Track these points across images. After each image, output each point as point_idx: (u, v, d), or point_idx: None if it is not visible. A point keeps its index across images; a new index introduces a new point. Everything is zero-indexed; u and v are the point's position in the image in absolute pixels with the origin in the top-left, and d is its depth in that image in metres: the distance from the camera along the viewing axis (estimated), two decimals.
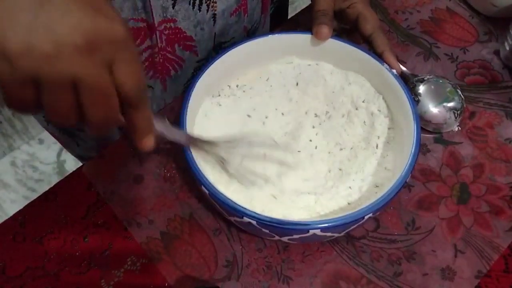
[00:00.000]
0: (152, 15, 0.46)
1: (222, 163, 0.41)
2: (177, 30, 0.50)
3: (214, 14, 0.51)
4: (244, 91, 0.49)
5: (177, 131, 0.39)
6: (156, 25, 0.47)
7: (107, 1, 0.27)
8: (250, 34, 0.59)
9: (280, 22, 0.67)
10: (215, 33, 0.54)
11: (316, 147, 0.46)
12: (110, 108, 0.29)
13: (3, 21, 0.25)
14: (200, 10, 0.49)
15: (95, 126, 0.29)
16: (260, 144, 0.44)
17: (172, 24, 0.49)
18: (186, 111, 0.42)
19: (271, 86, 0.49)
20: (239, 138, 0.42)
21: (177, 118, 0.43)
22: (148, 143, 0.34)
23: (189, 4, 0.48)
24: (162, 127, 0.37)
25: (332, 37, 0.47)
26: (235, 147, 0.42)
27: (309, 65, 0.50)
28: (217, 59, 0.46)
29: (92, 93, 0.27)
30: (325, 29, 0.46)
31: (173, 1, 0.46)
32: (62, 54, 0.25)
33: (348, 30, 0.52)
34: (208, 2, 0.49)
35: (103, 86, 0.28)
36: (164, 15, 0.47)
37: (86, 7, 0.26)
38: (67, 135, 0.62)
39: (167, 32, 0.49)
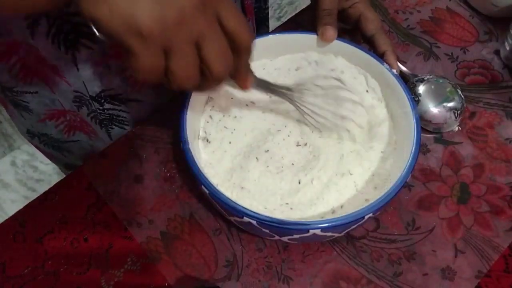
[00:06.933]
0: None
1: (298, 105, 0.43)
2: None
3: None
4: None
5: (259, 78, 0.40)
6: None
7: None
8: None
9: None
10: None
11: (313, 145, 0.46)
12: (230, 56, 0.31)
13: (127, 0, 0.26)
14: None
15: (217, 78, 0.32)
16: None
17: None
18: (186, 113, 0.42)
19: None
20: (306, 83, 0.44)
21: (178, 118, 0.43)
22: (251, 81, 0.37)
23: None
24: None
25: None
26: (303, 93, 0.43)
27: (309, 64, 0.50)
28: None
29: (216, 46, 0.30)
30: (330, 31, 0.46)
31: None
32: (187, 18, 0.27)
33: (348, 30, 0.52)
34: None
35: (222, 36, 0.30)
36: None
37: None
38: (53, 149, 0.61)
39: None
